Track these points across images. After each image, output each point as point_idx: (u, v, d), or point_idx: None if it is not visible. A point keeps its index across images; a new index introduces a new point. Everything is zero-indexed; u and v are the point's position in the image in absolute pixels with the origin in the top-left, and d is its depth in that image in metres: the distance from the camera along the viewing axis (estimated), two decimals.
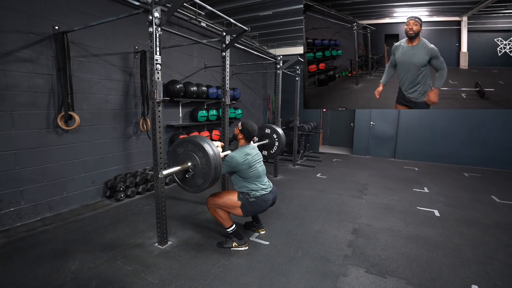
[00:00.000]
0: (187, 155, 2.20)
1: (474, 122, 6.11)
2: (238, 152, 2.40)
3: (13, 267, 2.14)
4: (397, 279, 2.10)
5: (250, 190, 2.41)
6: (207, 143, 2.12)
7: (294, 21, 5.15)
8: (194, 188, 2.24)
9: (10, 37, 2.65)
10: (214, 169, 2.09)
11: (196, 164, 2.16)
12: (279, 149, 3.62)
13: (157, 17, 2.12)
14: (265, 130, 3.66)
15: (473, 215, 3.38)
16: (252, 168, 2.40)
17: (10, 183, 2.77)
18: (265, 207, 2.47)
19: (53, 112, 3.04)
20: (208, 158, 2.09)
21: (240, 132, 2.51)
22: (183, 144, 2.21)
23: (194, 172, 2.19)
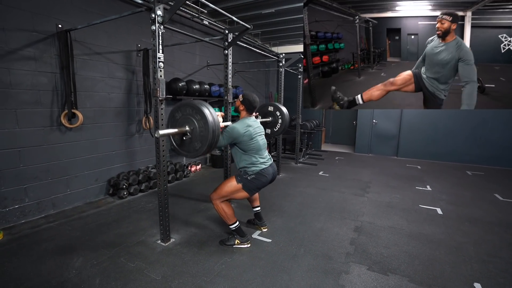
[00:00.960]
0: (185, 119, 2.15)
1: (477, 120, 6.07)
2: (239, 123, 2.36)
3: (17, 264, 2.16)
4: (399, 276, 2.10)
5: (250, 164, 2.36)
6: (205, 107, 2.07)
7: (296, 19, 5.14)
8: (192, 152, 2.19)
9: (14, 35, 2.67)
10: (212, 132, 2.04)
11: (194, 127, 2.11)
12: (282, 127, 3.52)
13: (159, 15, 2.12)
14: (268, 107, 3.56)
15: (476, 213, 3.37)
16: (253, 140, 2.35)
17: (15, 181, 2.79)
18: (266, 182, 2.42)
19: (57, 110, 3.05)
20: (206, 120, 2.03)
21: (242, 104, 2.47)
22: (181, 108, 2.16)
23: (192, 135, 2.14)
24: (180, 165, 4.55)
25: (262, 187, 2.45)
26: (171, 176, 4.32)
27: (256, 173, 2.36)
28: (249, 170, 2.36)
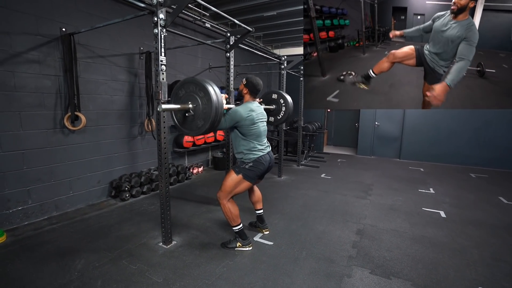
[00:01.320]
0: (188, 96, 2.13)
1: (481, 121, 6.03)
2: (242, 107, 2.34)
3: (20, 265, 2.17)
4: (402, 280, 2.09)
5: (247, 150, 2.35)
6: (209, 84, 2.06)
7: (298, 21, 5.15)
8: (194, 130, 2.17)
9: (18, 39, 2.70)
10: (214, 109, 2.01)
11: (197, 104, 2.09)
12: (285, 115, 3.48)
13: (162, 19, 2.14)
14: (272, 95, 3.53)
15: (479, 217, 3.34)
16: (254, 125, 2.34)
17: (18, 183, 2.81)
18: (264, 169, 2.41)
19: (60, 113, 3.08)
20: (209, 97, 2.01)
21: (245, 87, 2.45)
22: (184, 85, 2.14)
23: (194, 113, 2.11)
24: (182, 167, 4.56)
25: (261, 174, 2.44)
26: (173, 178, 4.33)
27: (253, 160, 2.35)
28: (246, 158, 2.35)
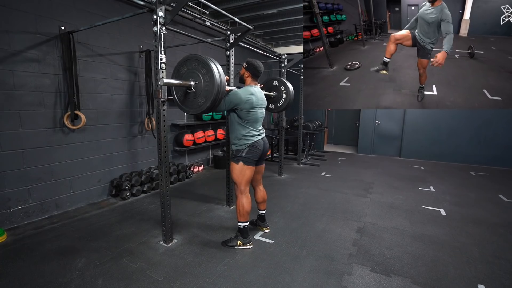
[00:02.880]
0: (190, 73, 2.10)
1: (482, 120, 6.02)
2: (243, 90, 2.33)
3: (21, 264, 2.17)
4: (402, 278, 2.09)
5: (242, 136, 2.34)
6: (212, 62, 2.03)
7: (298, 19, 5.13)
8: (195, 108, 2.14)
9: (18, 38, 2.69)
10: (216, 87, 1.98)
11: (199, 81, 2.07)
12: (286, 102, 3.46)
13: (161, 17, 2.13)
14: (273, 82, 3.51)
15: (480, 215, 3.34)
16: (253, 109, 2.32)
17: (18, 182, 2.81)
18: (259, 153, 2.41)
19: (60, 112, 3.07)
20: (212, 74, 1.98)
21: (246, 70, 2.43)
22: (187, 62, 2.11)
23: (196, 90, 2.08)
24: (183, 166, 4.56)
25: (258, 158, 2.44)
26: (173, 177, 4.33)
27: (248, 146, 2.35)
28: (241, 144, 2.36)
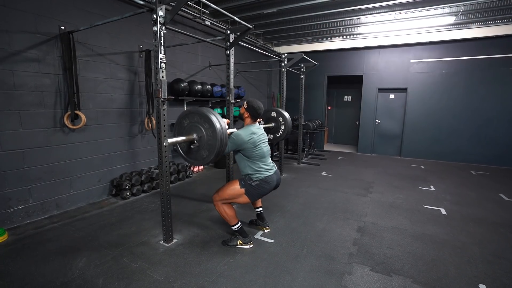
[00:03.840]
0: (192, 126, 2.15)
1: (482, 119, 6.02)
2: (244, 130, 2.37)
3: (22, 264, 2.17)
4: (402, 277, 2.09)
5: (254, 171, 2.36)
6: (213, 115, 2.06)
7: (298, 18, 5.12)
8: (199, 160, 2.19)
9: (17, 37, 2.69)
10: (219, 141, 2.03)
11: (201, 135, 2.11)
12: (284, 133, 3.53)
13: (161, 16, 2.13)
14: (271, 113, 3.59)
15: (480, 214, 3.33)
16: (257, 147, 2.36)
17: (19, 182, 2.81)
18: (269, 189, 2.42)
19: (60, 111, 3.07)
20: (214, 129, 2.03)
21: (246, 111, 2.47)
22: (189, 115, 2.16)
23: (199, 143, 2.13)
24: (183, 166, 4.56)
25: (264, 194, 2.46)
26: (173, 176, 4.33)
27: (260, 179, 2.36)
28: (254, 177, 2.37)
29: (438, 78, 6.32)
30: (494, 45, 5.67)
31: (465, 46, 5.92)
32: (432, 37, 5.95)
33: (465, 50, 5.95)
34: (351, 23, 5.43)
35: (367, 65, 7.05)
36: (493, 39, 5.62)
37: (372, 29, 5.73)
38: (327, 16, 5.02)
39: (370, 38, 6.51)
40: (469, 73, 6.01)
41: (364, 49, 6.95)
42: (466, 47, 5.92)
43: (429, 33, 5.92)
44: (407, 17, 4.87)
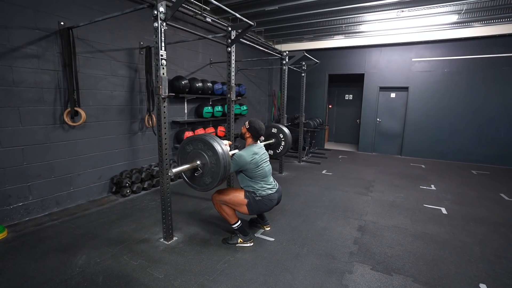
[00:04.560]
0: (196, 153, 2.20)
1: (484, 118, 6.00)
2: (246, 151, 2.39)
3: (21, 261, 2.17)
4: (403, 276, 2.08)
5: (256, 189, 2.41)
6: (217, 142, 2.11)
7: (299, 16, 5.09)
8: (203, 186, 2.25)
9: (17, 33, 2.66)
10: (223, 168, 2.08)
11: (205, 162, 2.17)
12: (285, 149, 3.62)
13: (162, 12, 2.11)
14: (271, 129, 3.66)
15: (481, 213, 3.32)
16: (259, 167, 2.39)
17: (18, 178, 2.80)
18: (271, 206, 2.48)
19: (60, 108, 3.05)
20: (217, 157, 2.08)
21: (248, 131, 2.49)
22: (192, 142, 2.21)
23: (203, 170, 2.19)
24: None
25: (264, 211, 2.51)
26: None
27: (263, 196, 2.40)
28: (257, 191, 2.41)
29: (440, 77, 6.29)
30: (497, 44, 5.64)
31: (467, 45, 5.89)
32: (434, 35, 5.92)
33: (468, 49, 5.92)
34: (353, 21, 5.39)
35: (368, 63, 7.02)
36: (496, 38, 5.59)
37: (374, 27, 5.70)
38: (329, 14, 4.99)
39: (372, 36, 6.47)
40: (471, 72, 5.98)
41: (366, 48, 6.92)
42: (469, 46, 5.89)
43: (432, 32, 5.89)
44: (409, 15, 4.84)
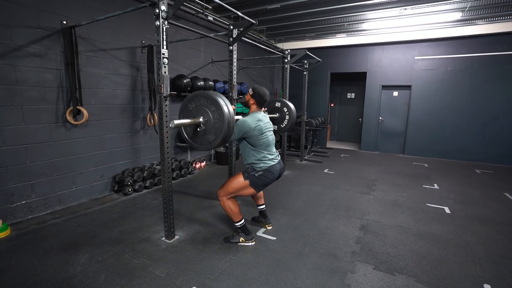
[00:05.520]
0: (199, 110, 2.09)
1: (487, 117, 5.94)
2: (250, 117, 2.33)
3: (24, 259, 2.18)
4: (406, 276, 2.07)
5: (258, 160, 2.33)
6: (220, 97, 2.01)
7: (302, 14, 5.06)
8: (205, 145, 2.15)
9: (19, 32, 2.67)
10: (227, 124, 1.97)
11: (208, 119, 2.06)
12: (289, 124, 3.48)
13: (163, 10, 2.10)
14: (275, 103, 3.53)
15: (485, 213, 3.30)
16: (263, 135, 2.33)
17: (21, 177, 2.81)
18: (273, 178, 2.40)
19: (62, 107, 3.06)
20: (221, 112, 1.97)
21: (252, 97, 2.42)
22: (194, 99, 2.10)
23: (205, 127, 2.08)
24: (185, 162, 4.55)
25: (269, 183, 2.42)
26: (175, 173, 4.32)
27: (264, 169, 2.33)
28: (257, 167, 2.33)
29: (443, 76, 6.24)
30: (501, 42, 5.58)
31: (471, 43, 5.84)
32: (437, 33, 5.87)
33: (471, 47, 5.87)
34: (355, 19, 5.35)
35: (371, 62, 6.98)
36: (500, 36, 5.53)
37: (376, 25, 5.65)
38: (331, 12, 4.96)
39: (374, 34, 6.43)
40: (475, 70, 5.93)
41: (368, 46, 6.87)
42: (472, 44, 5.83)
43: (435, 30, 5.84)
44: (412, 13, 4.80)
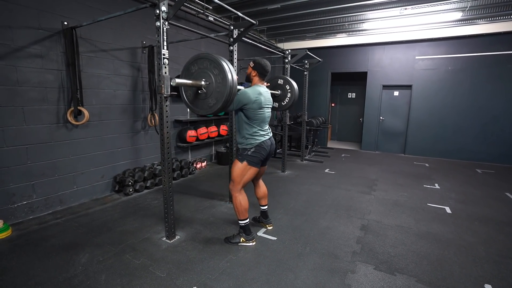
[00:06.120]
0: (201, 73, 2.04)
1: (488, 116, 5.93)
2: (251, 89, 2.31)
3: (25, 259, 2.19)
4: (406, 276, 2.07)
5: (250, 134, 2.34)
6: (224, 61, 1.97)
7: (302, 14, 5.06)
8: (205, 109, 2.10)
9: (20, 33, 2.68)
10: (229, 89, 1.92)
11: (210, 82, 2.01)
12: (291, 101, 3.44)
13: (164, 11, 2.10)
14: (278, 80, 3.48)
15: (486, 213, 3.29)
16: (260, 110, 2.32)
17: (23, 177, 2.82)
18: (265, 154, 2.40)
19: (63, 107, 3.07)
20: (224, 75, 1.92)
21: (253, 69, 2.40)
22: (198, 61, 2.05)
23: (207, 90, 2.03)
24: (186, 162, 4.55)
25: (263, 159, 2.44)
26: (176, 173, 4.33)
27: (255, 146, 2.34)
28: (248, 143, 2.35)
29: (444, 75, 6.23)
30: (502, 41, 5.57)
31: (471, 42, 5.83)
32: (438, 33, 5.86)
33: (472, 47, 5.86)
34: (355, 19, 5.35)
35: (371, 61, 6.97)
36: (501, 35, 5.52)
37: (377, 25, 5.65)
38: (332, 12, 4.96)
39: (375, 34, 6.42)
40: (475, 70, 5.92)
41: (369, 46, 6.87)
42: (473, 43, 5.82)
43: (435, 29, 5.83)
44: (412, 13, 4.80)
